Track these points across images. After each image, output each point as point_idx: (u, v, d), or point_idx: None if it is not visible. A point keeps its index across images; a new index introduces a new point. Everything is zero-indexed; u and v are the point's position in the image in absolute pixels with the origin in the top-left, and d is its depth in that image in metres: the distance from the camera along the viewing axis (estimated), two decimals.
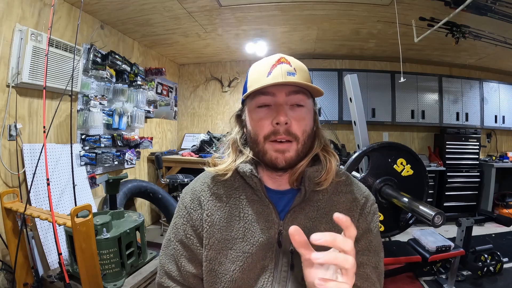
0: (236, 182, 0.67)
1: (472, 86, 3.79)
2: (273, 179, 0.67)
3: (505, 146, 4.24)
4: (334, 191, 0.67)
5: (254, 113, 0.62)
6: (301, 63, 0.64)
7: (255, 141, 0.62)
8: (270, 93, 0.60)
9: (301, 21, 2.76)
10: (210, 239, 0.63)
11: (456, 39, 2.50)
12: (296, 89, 0.60)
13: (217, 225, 0.64)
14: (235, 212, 0.64)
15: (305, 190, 0.62)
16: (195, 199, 0.68)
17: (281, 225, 0.62)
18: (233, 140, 0.69)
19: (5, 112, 1.85)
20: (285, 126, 0.59)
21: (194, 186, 0.71)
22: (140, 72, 3.09)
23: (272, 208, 0.63)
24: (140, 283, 1.50)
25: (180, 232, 0.67)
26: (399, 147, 1.71)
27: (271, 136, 0.60)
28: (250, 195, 0.65)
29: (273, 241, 0.62)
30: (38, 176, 1.83)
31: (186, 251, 0.66)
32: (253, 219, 0.63)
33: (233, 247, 0.62)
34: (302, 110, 0.61)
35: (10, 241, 1.53)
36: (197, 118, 4.31)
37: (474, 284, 2.16)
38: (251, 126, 0.63)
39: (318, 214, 0.64)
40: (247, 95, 0.62)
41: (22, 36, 1.87)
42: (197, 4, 2.39)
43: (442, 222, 1.28)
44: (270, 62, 0.61)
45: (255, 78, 0.62)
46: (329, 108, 3.61)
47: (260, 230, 0.62)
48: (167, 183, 3.23)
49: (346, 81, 2.03)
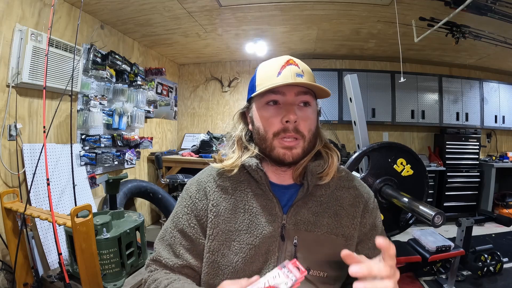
0: (241, 176, 0.68)
1: (472, 86, 3.79)
2: (277, 174, 0.69)
3: (505, 146, 4.24)
4: (336, 186, 0.69)
5: (263, 110, 0.65)
6: (307, 66, 0.67)
7: (264, 137, 0.64)
8: (280, 92, 0.63)
9: (301, 21, 2.76)
10: (214, 230, 0.64)
11: (456, 39, 2.50)
12: (304, 90, 0.64)
13: (222, 216, 0.65)
14: (240, 204, 0.66)
15: (308, 184, 0.65)
16: (200, 189, 0.69)
17: (284, 219, 0.64)
18: (239, 137, 0.71)
19: (5, 112, 1.85)
20: (294, 124, 0.62)
21: (200, 178, 0.72)
22: (140, 72, 3.09)
23: (276, 202, 0.65)
24: (140, 283, 1.49)
25: (182, 221, 0.68)
26: (399, 147, 1.71)
27: (280, 134, 0.62)
28: (255, 189, 0.67)
29: (277, 234, 0.63)
30: (38, 176, 1.83)
31: (186, 240, 0.67)
32: (258, 212, 0.65)
33: (236, 239, 0.63)
34: (309, 110, 0.65)
35: (10, 241, 1.53)
36: (197, 118, 4.31)
37: (474, 284, 2.16)
38: (260, 123, 0.65)
39: (321, 208, 0.66)
40: (259, 93, 0.64)
41: (22, 36, 1.87)
42: (197, 4, 2.39)
43: (442, 222, 1.28)
44: (279, 63, 0.64)
45: (264, 77, 0.65)
46: (329, 108, 3.61)
47: (264, 223, 0.64)
48: (167, 183, 3.23)
49: (346, 81, 2.03)
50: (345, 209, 0.67)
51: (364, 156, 1.69)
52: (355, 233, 0.66)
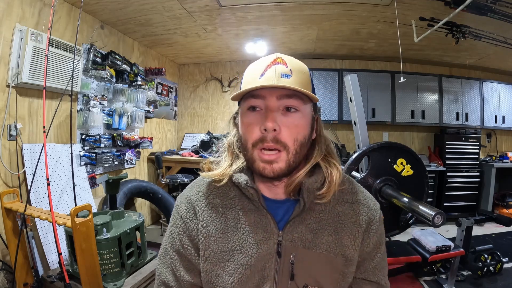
0: (231, 191, 0.64)
1: (472, 86, 3.79)
2: (269, 188, 0.63)
3: (505, 146, 4.24)
4: (338, 200, 0.63)
5: (244, 116, 0.59)
6: (300, 64, 0.59)
7: (245, 147, 0.59)
8: (260, 96, 0.56)
9: (301, 21, 2.76)
10: (206, 251, 0.61)
11: (456, 39, 2.50)
12: (289, 93, 0.55)
13: (213, 237, 0.61)
14: (231, 223, 0.61)
15: (304, 202, 0.59)
16: (190, 208, 0.65)
17: (280, 235, 0.59)
18: (229, 143, 0.66)
19: (5, 112, 1.85)
20: (273, 133, 0.54)
21: (189, 195, 0.67)
22: (140, 72, 3.09)
23: (270, 218, 0.60)
24: (140, 283, 1.49)
25: (177, 242, 0.65)
26: (399, 147, 1.71)
27: (258, 144, 0.56)
28: (247, 205, 0.62)
29: (272, 251, 0.59)
30: (38, 176, 1.83)
31: (183, 261, 0.64)
32: (251, 230, 0.60)
33: (230, 259, 0.59)
34: (295, 116, 0.56)
35: (10, 241, 1.53)
36: (197, 118, 4.31)
37: (474, 284, 2.16)
38: (241, 131, 0.60)
39: (320, 225, 0.60)
40: (236, 97, 0.59)
41: (22, 36, 1.87)
42: (197, 4, 2.39)
43: (442, 222, 1.28)
44: (266, 62, 0.57)
45: (248, 78, 0.59)
46: (329, 108, 3.61)
47: (258, 241, 0.59)
48: (167, 183, 3.23)
49: (346, 81, 2.03)
50: (347, 226, 0.61)
51: (364, 156, 1.69)
52: (355, 254, 0.61)
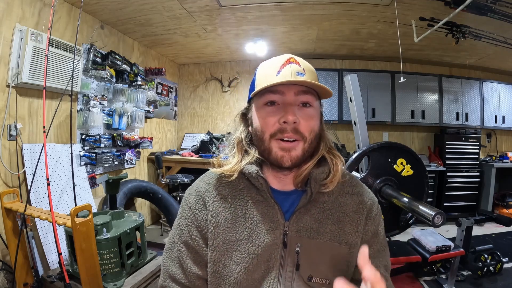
0: (241, 183, 0.66)
1: (472, 86, 3.79)
2: (278, 179, 0.66)
3: (505, 146, 4.24)
4: (340, 192, 0.67)
5: (261, 110, 0.62)
6: (309, 64, 0.64)
7: (261, 138, 0.62)
8: (279, 92, 0.60)
9: (301, 21, 2.76)
10: (215, 240, 0.63)
11: (456, 39, 2.50)
12: (305, 89, 0.61)
13: (222, 226, 0.63)
14: (240, 213, 0.64)
15: (311, 191, 0.62)
16: (199, 199, 0.67)
17: (286, 225, 0.62)
18: (239, 139, 0.68)
19: (5, 112, 1.85)
20: (293, 125, 0.59)
21: (198, 187, 0.70)
22: (140, 72, 3.09)
23: (277, 209, 0.63)
24: (140, 283, 1.49)
25: (185, 234, 0.67)
26: (399, 147, 1.71)
27: (277, 134, 0.60)
28: (255, 196, 0.65)
29: (278, 241, 0.62)
30: (38, 176, 1.83)
31: (191, 253, 0.66)
32: (259, 220, 0.63)
33: (238, 248, 0.62)
34: (310, 110, 0.62)
35: (10, 241, 1.53)
36: (197, 118, 4.31)
37: (474, 284, 2.16)
38: (257, 124, 0.63)
39: (324, 215, 0.64)
40: (256, 93, 0.62)
41: (22, 36, 1.87)
42: (197, 4, 2.39)
43: (442, 222, 1.28)
44: (280, 61, 0.61)
45: (264, 76, 0.62)
46: (329, 108, 3.62)
47: (265, 231, 0.62)
48: (167, 183, 3.23)
49: (346, 81, 2.03)
50: (349, 215, 0.65)
51: (364, 156, 1.69)
52: (358, 241, 0.65)
